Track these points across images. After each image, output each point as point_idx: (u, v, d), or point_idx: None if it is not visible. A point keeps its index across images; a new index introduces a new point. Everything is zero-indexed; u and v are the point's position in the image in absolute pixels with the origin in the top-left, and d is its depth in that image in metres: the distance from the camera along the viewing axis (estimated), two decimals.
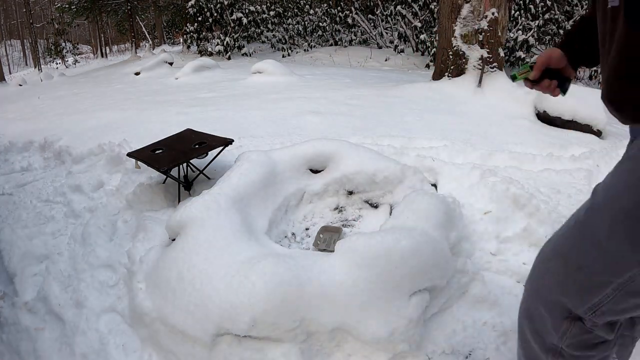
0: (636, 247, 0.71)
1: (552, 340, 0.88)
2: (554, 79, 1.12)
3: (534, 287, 0.92)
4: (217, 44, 12.52)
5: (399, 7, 10.42)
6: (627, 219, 0.71)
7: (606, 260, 0.75)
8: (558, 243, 0.89)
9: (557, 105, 3.84)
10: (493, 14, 4.64)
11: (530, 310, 0.93)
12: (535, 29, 9.14)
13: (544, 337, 0.89)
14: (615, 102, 0.75)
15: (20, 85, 11.28)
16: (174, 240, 1.78)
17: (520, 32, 9.03)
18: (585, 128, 3.71)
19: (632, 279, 0.72)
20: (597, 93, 3.81)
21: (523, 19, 9.31)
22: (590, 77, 8.78)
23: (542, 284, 0.89)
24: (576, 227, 0.84)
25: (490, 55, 4.72)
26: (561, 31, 9.50)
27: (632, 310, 0.78)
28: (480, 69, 4.72)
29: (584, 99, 3.72)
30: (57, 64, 24.53)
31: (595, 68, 7.87)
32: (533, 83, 1.13)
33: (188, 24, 13.66)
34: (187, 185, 2.53)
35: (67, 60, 24.54)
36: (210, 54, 12.44)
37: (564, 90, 1.14)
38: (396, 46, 10.51)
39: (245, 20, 12.91)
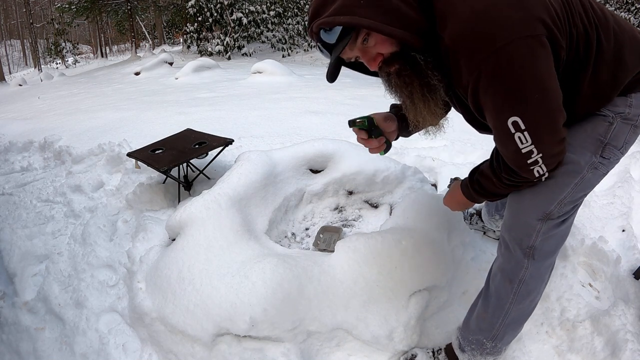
0: (584, 154, 1.07)
1: (528, 244, 1.15)
2: (380, 137, 1.26)
3: (513, 215, 1.18)
4: (217, 44, 12.52)
5: None
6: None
7: (567, 169, 1.08)
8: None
9: None
10: None
11: (512, 229, 1.19)
12: None
13: (522, 243, 1.16)
14: None
15: (20, 85, 11.30)
16: (174, 240, 1.78)
17: None
18: None
19: (582, 177, 1.09)
20: None
21: None
22: None
23: (521, 206, 1.15)
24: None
25: None
26: None
27: (581, 198, 1.14)
28: None
29: None
30: (57, 64, 24.55)
31: None
32: (367, 137, 1.26)
33: (188, 24, 13.68)
34: (187, 185, 2.53)
35: (67, 60, 24.56)
36: (210, 54, 12.45)
37: (386, 151, 1.29)
38: None
39: (245, 20, 12.91)
